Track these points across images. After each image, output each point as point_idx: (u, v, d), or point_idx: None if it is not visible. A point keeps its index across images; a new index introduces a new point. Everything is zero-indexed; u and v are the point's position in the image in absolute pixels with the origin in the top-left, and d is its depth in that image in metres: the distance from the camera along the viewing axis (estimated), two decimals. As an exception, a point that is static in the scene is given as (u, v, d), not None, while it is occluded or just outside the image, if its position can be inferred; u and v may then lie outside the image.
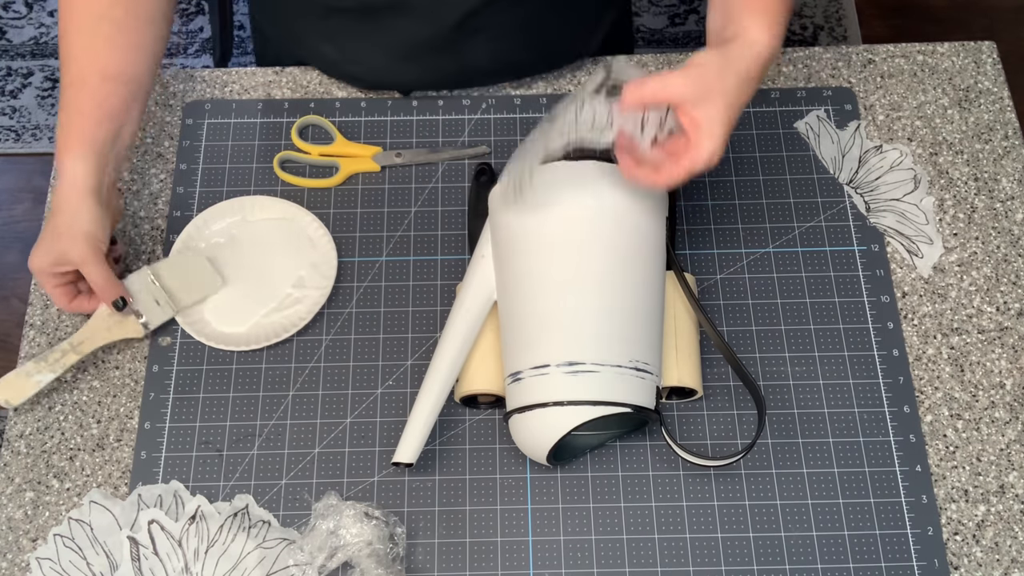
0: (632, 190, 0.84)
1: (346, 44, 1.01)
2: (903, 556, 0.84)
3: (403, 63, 1.01)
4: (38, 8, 2.12)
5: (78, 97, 0.86)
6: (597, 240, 0.82)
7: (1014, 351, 0.92)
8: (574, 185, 0.83)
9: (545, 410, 0.80)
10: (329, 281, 0.93)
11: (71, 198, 0.85)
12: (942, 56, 1.07)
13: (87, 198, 0.85)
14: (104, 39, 0.87)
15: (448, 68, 1.03)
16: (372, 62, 1.01)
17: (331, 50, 1.02)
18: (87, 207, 0.85)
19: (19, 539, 0.85)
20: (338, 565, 0.82)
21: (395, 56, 1.00)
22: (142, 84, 0.89)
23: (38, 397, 0.90)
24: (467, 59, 1.02)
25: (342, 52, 1.02)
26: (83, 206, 0.85)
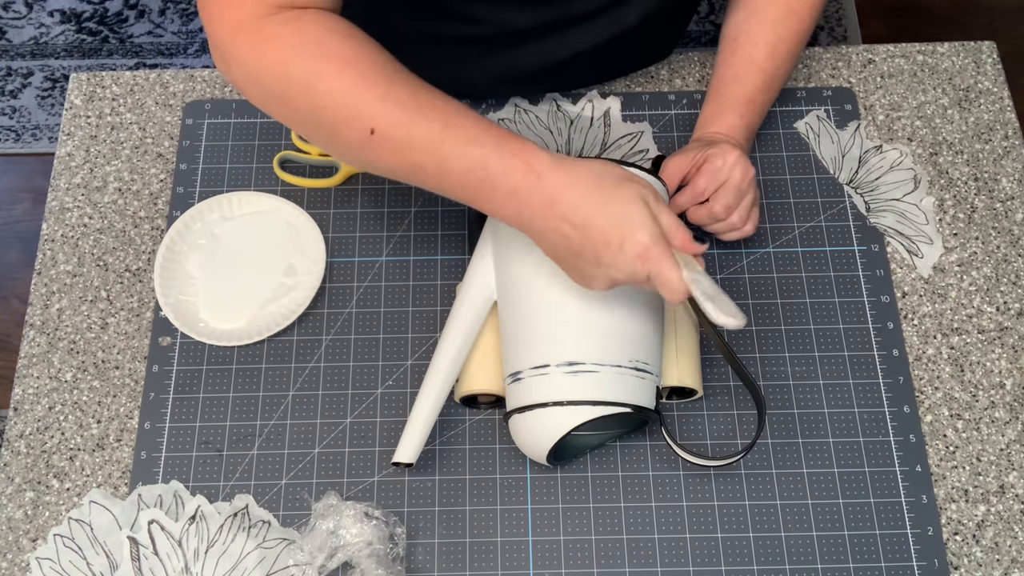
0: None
1: (452, 71, 0.97)
2: (903, 556, 0.84)
3: (500, 85, 1.02)
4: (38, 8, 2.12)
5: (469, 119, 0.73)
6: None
7: (1014, 351, 0.92)
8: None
9: (545, 410, 0.80)
10: (319, 265, 0.94)
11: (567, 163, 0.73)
12: (942, 56, 1.07)
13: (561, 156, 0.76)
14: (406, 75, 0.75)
15: (545, 87, 1.04)
16: (474, 85, 1.02)
17: (430, 74, 1.00)
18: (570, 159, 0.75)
19: (19, 539, 0.85)
20: (338, 565, 0.82)
21: (498, 80, 1.00)
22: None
23: (38, 397, 0.90)
24: (566, 81, 1.03)
25: (444, 77, 1.00)
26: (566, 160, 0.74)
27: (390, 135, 0.71)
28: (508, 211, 0.73)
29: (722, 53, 0.96)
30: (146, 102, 1.05)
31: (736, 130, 0.93)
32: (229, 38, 0.72)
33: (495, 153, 0.71)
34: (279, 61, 0.71)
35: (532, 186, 0.72)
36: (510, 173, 0.71)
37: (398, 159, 0.73)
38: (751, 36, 0.93)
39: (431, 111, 0.72)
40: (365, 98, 0.71)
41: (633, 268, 0.71)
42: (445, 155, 0.72)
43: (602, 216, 0.71)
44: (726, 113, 0.93)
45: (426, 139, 0.71)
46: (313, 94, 0.71)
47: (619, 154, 1.01)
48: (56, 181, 1.01)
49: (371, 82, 0.71)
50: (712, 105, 0.95)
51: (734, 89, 0.93)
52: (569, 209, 0.71)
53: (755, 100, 0.93)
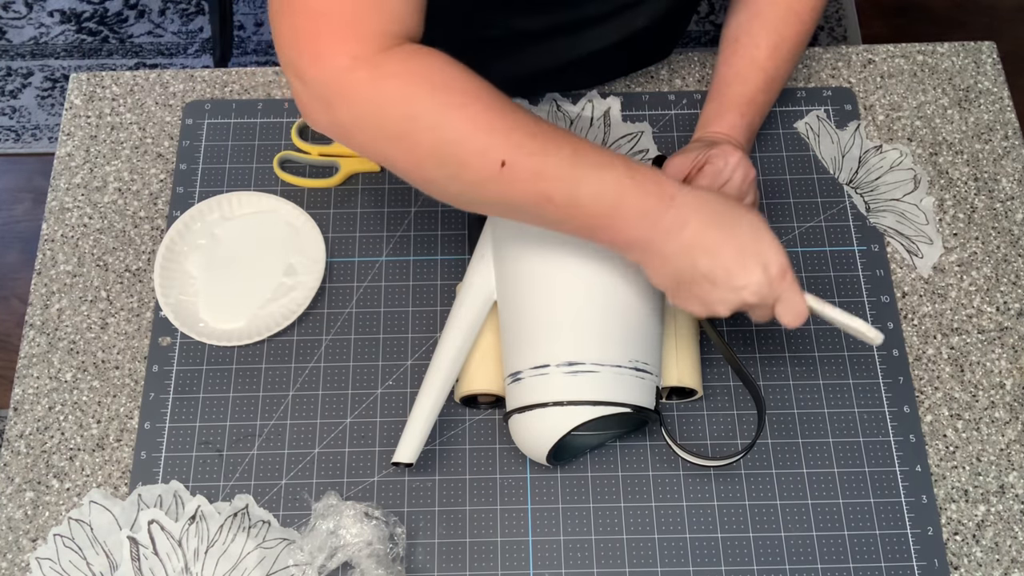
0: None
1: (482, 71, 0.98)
2: (903, 556, 0.84)
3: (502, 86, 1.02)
4: (38, 8, 2.12)
5: (590, 145, 0.72)
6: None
7: (1014, 351, 0.92)
8: None
9: (545, 410, 0.80)
10: (320, 264, 0.94)
11: (716, 195, 0.75)
12: (942, 56, 1.07)
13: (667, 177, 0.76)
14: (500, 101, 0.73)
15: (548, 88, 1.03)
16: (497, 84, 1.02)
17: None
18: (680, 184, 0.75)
19: (19, 539, 0.85)
20: (338, 565, 0.82)
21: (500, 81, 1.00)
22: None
23: (38, 397, 0.90)
24: (570, 83, 1.03)
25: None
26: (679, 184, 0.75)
27: (522, 165, 0.69)
28: (638, 235, 0.71)
29: (723, 53, 0.96)
30: (146, 102, 1.05)
31: (737, 130, 0.93)
32: (341, 76, 0.68)
33: (628, 176, 0.70)
34: (405, 97, 0.68)
35: (665, 208, 0.71)
36: (644, 196, 0.70)
37: (527, 190, 0.70)
38: (753, 36, 0.93)
39: (558, 139, 0.71)
40: (495, 130, 0.69)
41: (769, 288, 0.73)
42: (577, 181, 0.70)
43: (734, 240, 0.72)
44: (727, 113, 0.93)
45: (558, 167, 0.70)
46: (440, 129, 0.69)
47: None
48: (56, 181, 1.01)
49: (498, 114, 0.70)
50: (713, 105, 0.95)
51: (735, 89, 0.93)
52: (700, 232, 0.71)
53: (756, 100, 0.93)
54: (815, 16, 0.94)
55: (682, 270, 0.73)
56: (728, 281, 0.72)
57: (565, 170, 0.70)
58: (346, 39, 0.68)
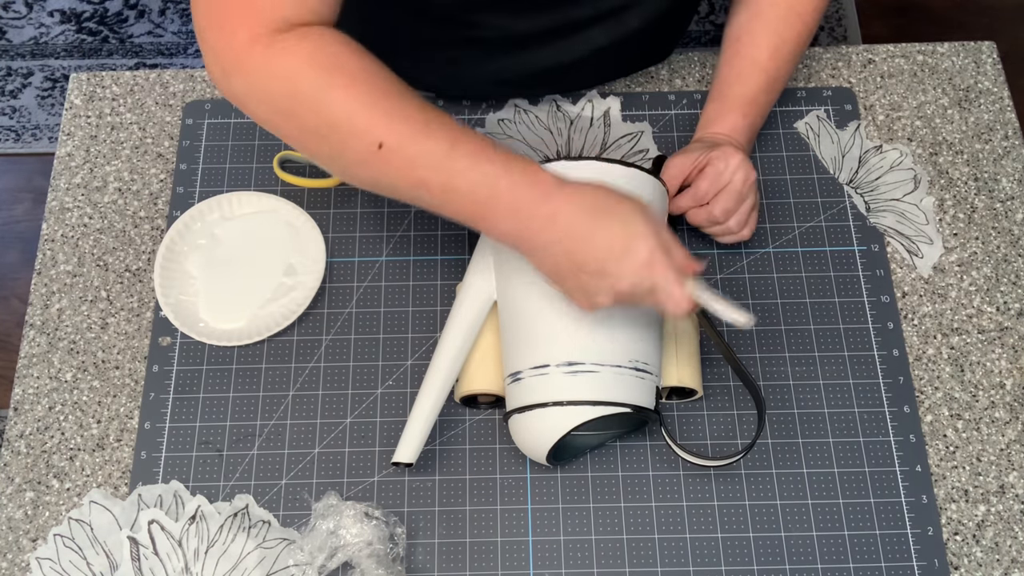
0: (632, 190, 0.84)
1: (451, 73, 0.99)
2: (903, 556, 0.84)
3: (500, 87, 1.02)
4: (38, 8, 2.12)
5: (474, 136, 0.74)
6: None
7: (1014, 351, 0.92)
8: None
9: (545, 410, 0.80)
10: (320, 264, 0.94)
11: (595, 189, 0.74)
12: (942, 56, 1.07)
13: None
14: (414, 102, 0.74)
15: (545, 89, 1.03)
16: (473, 87, 1.02)
17: (432, 78, 1.01)
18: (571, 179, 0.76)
19: (19, 539, 0.85)
20: (338, 565, 0.82)
21: (497, 83, 1.01)
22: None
23: (38, 397, 0.91)
24: (567, 83, 1.03)
25: (445, 78, 1.01)
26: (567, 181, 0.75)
27: (398, 150, 0.71)
28: (509, 227, 0.73)
29: (725, 53, 0.96)
30: (146, 102, 1.05)
31: (739, 130, 0.93)
32: (240, 51, 0.72)
33: (503, 170, 0.72)
34: (291, 74, 0.71)
35: (537, 202, 0.72)
36: (517, 189, 0.72)
37: (403, 175, 0.73)
38: (754, 37, 0.93)
39: (439, 129, 0.72)
40: (375, 113, 0.71)
41: (639, 276, 0.71)
42: (452, 172, 0.72)
43: (605, 228, 0.71)
44: (728, 113, 0.93)
45: (433, 155, 0.71)
46: (322, 107, 0.71)
47: (619, 154, 1.01)
48: (56, 181, 1.01)
49: (381, 97, 0.72)
50: (714, 105, 0.95)
51: (736, 89, 0.93)
52: (572, 223, 0.72)
53: (757, 100, 0.93)
54: (817, 16, 0.94)
55: (559, 262, 0.73)
56: (601, 271, 0.72)
57: (440, 159, 0.71)
58: (248, 17, 0.72)
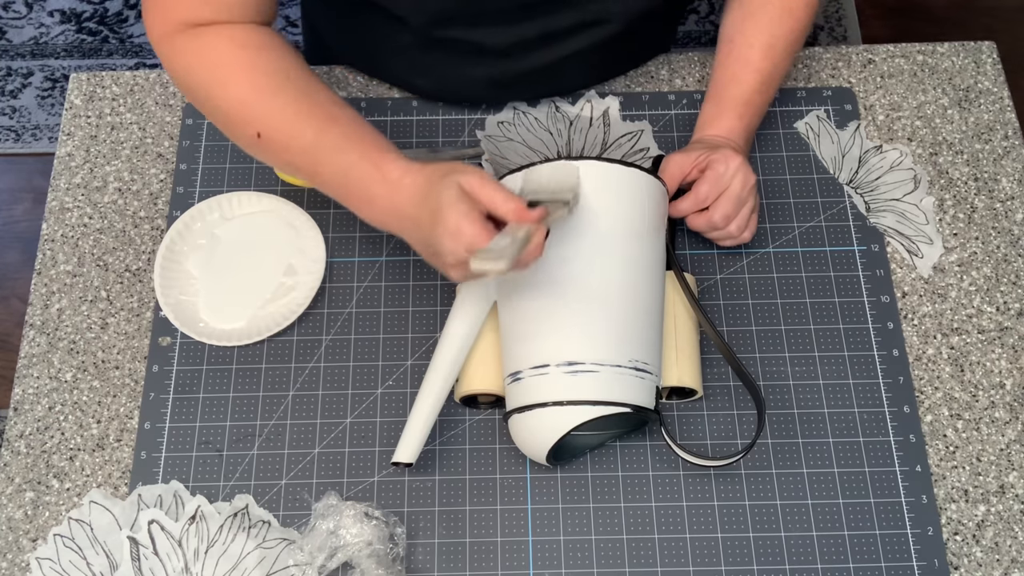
0: (632, 190, 0.84)
1: (442, 75, 1.00)
2: (903, 556, 0.84)
3: (490, 90, 1.02)
4: (38, 8, 2.12)
5: (342, 128, 0.80)
6: (596, 240, 0.82)
7: (1014, 351, 0.92)
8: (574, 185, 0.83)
9: (545, 410, 0.80)
10: (319, 264, 0.94)
11: (415, 171, 0.77)
12: (942, 56, 1.07)
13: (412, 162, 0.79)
14: (298, 87, 0.82)
15: (539, 90, 1.03)
16: (468, 90, 1.02)
17: (425, 82, 1.02)
18: (420, 164, 0.79)
19: (19, 539, 0.85)
20: (338, 565, 0.82)
21: (487, 86, 1.01)
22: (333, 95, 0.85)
23: (38, 397, 0.91)
24: (565, 82, 1.03)
25: (437, 82, 1.01)
26: (420, 165, 0.78)
27: (272, 139, 0.81)
28: (368, 215, 0.81)
29: (719, 54, 0.96)
30: (146, 102, 1.05)
31: (735, 132, 0.93)
32: (156, 43, 0.84)
33: (357, 161, 0.79)
34: (184, 71, 0.83)
35: (386, 193, 0.78)
36: (367, 182, 0.78)
37: (281, 160, 0.84)
38: (746, 37, 0.93)
39: (309, 119, 0.80)
40: (251, 106, 0.81)
41: (450, 248, 0.73)
42: (316, 160, 0.80)
43: (428, 209, 0.75)
44: (724, 116, 0.93)
45: (300, 145, 0.80)
46: (210, 101, 0.82)
47: (619, 153, 1.01)
48: (56, 181, 1.01)
49: (258, 91, 0.80)
50: (710, 107, 0.95)
51: (731, 91, 0.93)
52: (412, 210, 0.76)
53: (752, 101, 0.94)
54: (810, 12, 0.93)
55: (420, 248, 0.79)
56: (435, 248, 0.75)
57: (307, 149, 0.80)
58: (157, 18, 0.83)
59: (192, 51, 0.82)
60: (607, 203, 0.83)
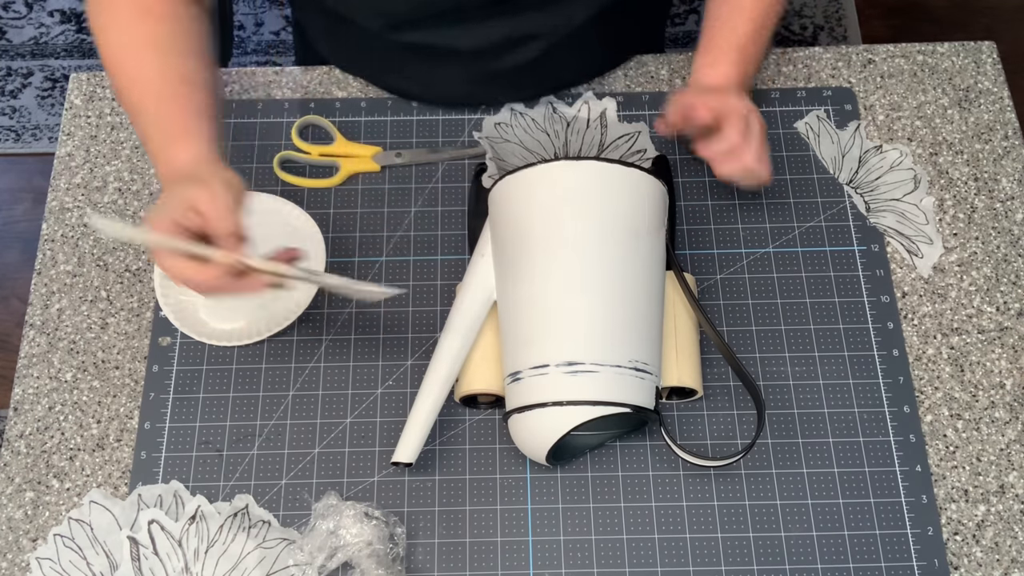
0: (631, 190, 0.84)
1: (425, 77, 1.00)
2: (903, 556, 0.84)
3: (479, 88, 1.02)
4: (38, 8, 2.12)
5: (166, 103, 0.83)
6: (596, 240, 0.82)
7: (1014, 351, 0.92)
8: (574, 185, 0.83)
9: (544, 410, 0.80)
10: (320, 265, 0.94)
11: (200, 164, 0.79)
12: (942, 56, 1.07)
13: (219, 162, 0.80)
14: (165, 54, 0.85)
15: (527, 88, 1.03)
16: (451, 90, 1.02)
17: (408, 84, 1.02)
18: (222, 166, 0.80)
19: (19, 539, 0.85)
20: (338, 565, 0.82)
21: (474, 83, 1.01)
22: (211, 86, 0.87)
23: (38, 397, 0.90)
24: (548, 80, 1.03)
25: (420, 84, 1.02)
26: (218, 165, 0.79)
27: (127, 109, 0.85)
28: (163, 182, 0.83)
29: (709, 4, 0.95)
30: (146, 102, 1.05)
31: (731, 80, 0.91)
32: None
33: (161, 144, 0.81)
34: (93, 15, 0.86)
35: (170, 182, 0.80)
36: (160, 164, 0.82)
37: (129, 115, 0.86)
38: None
39: (154, 99, 0.82)
40: (126, 63, 0.84)
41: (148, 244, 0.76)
42: (142, 131, 0.83)
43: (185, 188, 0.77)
44: (720, 63, 0.92)
45: (136, 110, 0.84)
46: (100, 46, 0.86)
47: (617, 154, 1.01)
48: (56, 181, 1.01)
49: (136, 52, 0.84)
50: (704, 56, 0.93)
51: (725, 37, 0.92)
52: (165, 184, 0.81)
53: (747, 49, 0.92)
54: None
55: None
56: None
57: (141, 127, 0.84)
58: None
59: (105, 6, 0.85)
60: (607, 203, 0.83)
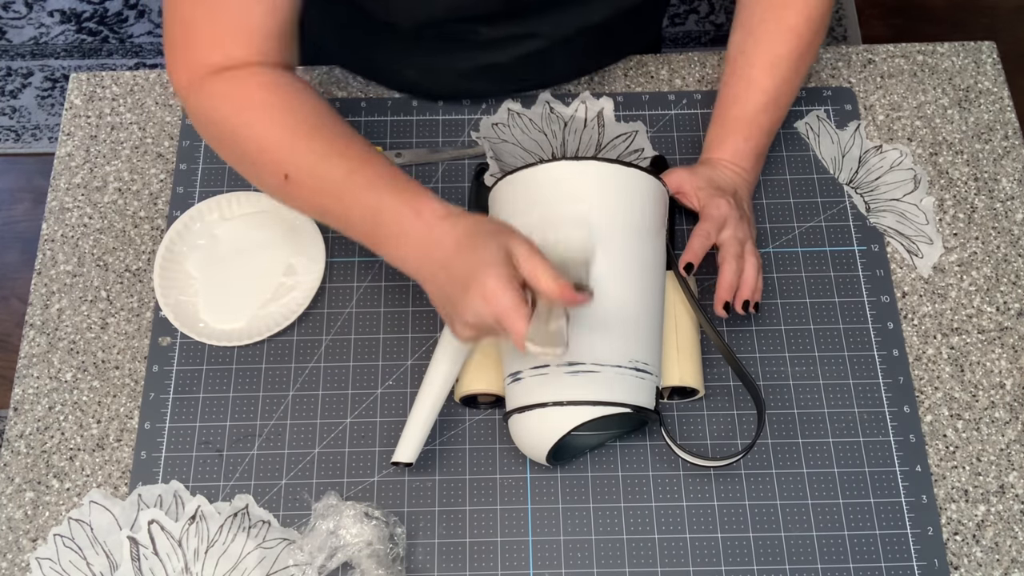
0: (631, 190, 0.84)
1: (431, 65, 1.00)
2: (903, 556, 0.84)
3: (481, 80, 1.02)
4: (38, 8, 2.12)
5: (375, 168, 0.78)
6: (596, 240, 0.82)
7: (1014, 351, 0.92)
8: (575, 184, 0.83)
9: (545, 410, 0.80)
10: (319, 265, 0.94)
11: (472, 221, 0.75)
12: (942, 56, 1.07)
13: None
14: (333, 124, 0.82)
15: (531, 80, 1.03)
16: (455, 82, 1.02)
17: (412, 73, 1.02)
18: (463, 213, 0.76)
19: (19, 539, 0.85)
20: (338, 565, 0.82)
21: (476, 75, 1.01)
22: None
23: (38, 397, 0.91)
24: (549, 73, 1.03)
25: (425, 74, 1.01)
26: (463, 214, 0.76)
27: (300, 181, 0.79)
28: (397, 254, 0.77)
29: (724, 74, 0.95)
30: (146, 102, 1.05)
31: (741, 154, 0.92)
32: (181, 93, 0.84)
33: (389, 199, 0.76)
34: (211, 115, 0.82)
35: (419, 233, 0.75)
36: (399, 219, 0.76)
37: (308, 203, 0.82)
38: (747, 56, 0.92)
39: (340, 160, 0.78)
40: (281, 148, 0.79)
41: (477, 308, 0.71)
42: (347, 200, 0.78)
43: (464, 261, 0.72)
44: (729, 137, 0.92)
45: (332, 184, 0.78)
46: (237, 144, 0.82)
47: (615, 154, 1.01)
48: (56, 181, 1.01)
49: (288, 132, 0.79)
50: (715, 129, 0.94)
51: (735, 111, 0.93)
52: (443, 256, 0.74)
53: (758, 121, 0.92)
54: (813, 28, 0.91)
55: (434, 292, 0.76)
56: (454, 302, 0.73)
57: (338, 188, 0.78)
58: (180, 65, 0.84)
59: (220, 94, 0.81)
60: (607, 203, 0.83)
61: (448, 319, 0.76)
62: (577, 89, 1.05)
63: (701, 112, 1.03)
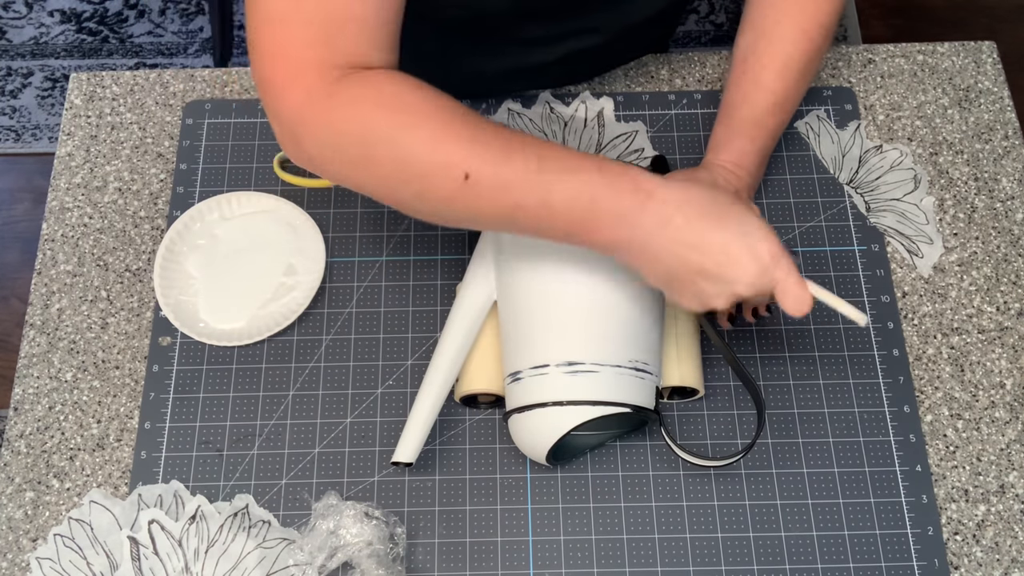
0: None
1: (461, 66, 0.99)
2: (903, 556, 0.84)
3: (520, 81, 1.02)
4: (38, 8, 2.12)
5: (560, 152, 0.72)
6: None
7: (1014, 351, 0.92)
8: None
9: (545, 410, 0.80)
10: (319, 264, 0.94)
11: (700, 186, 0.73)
12: (942, 56, 1.07)
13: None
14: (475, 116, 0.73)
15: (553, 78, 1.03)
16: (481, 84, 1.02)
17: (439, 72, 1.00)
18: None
19: (19, 539, 0.85)
20: (338, 565, 0.82)
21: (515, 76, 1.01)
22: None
23: (38, 397, 0.91)
24: (584, 71, 1.03)
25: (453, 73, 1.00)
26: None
27: (486, 177, 0.69)
28: (619, 237, 0.70)
29: (732, 75, 0.94)
30: (146, 102, 1.05)
31: (746, 155, 0.91)
32: (300, 111, 0.71)
33: (600, 177, 0.69)
34: (358, 122, 0.70)
35: (642, 207, 0.69)
36: (618, 195, 0.69)
37: (496, 200, 0.70)
38: (759, 58, 0.92)
39: (523, 148, 0.70)
40: (455, 144, 0.69)
41: (764, 280, 0.70)
42: (546, 187, 0.69)
43: (722, 231, 0.70)
44: (736, 138, 0.91)
45: (524, 174, 0.69)
46: (399, 148, 0.70)
47: (615, 154, 1.01)
48: (56, 181, 1.01)
49: (456, 128, 0.70)
50: (722, 128, 0.93)
51: (743, 112, 0.91)
52: (685, 227, 0.69)
53: (765, 123, 0.91)
54: (824, 34, 0.91)
55: (673, 268, 0.71)
56: (720, 274, 0.70)
57: (532, 177, 0.69)
58: (298, 76, 0.71)
59: (365, 98, 0.70)
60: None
61: (695, 293, 0.72)
62: (577, 89, 1.05)
63: (701, 112, 1.03)
